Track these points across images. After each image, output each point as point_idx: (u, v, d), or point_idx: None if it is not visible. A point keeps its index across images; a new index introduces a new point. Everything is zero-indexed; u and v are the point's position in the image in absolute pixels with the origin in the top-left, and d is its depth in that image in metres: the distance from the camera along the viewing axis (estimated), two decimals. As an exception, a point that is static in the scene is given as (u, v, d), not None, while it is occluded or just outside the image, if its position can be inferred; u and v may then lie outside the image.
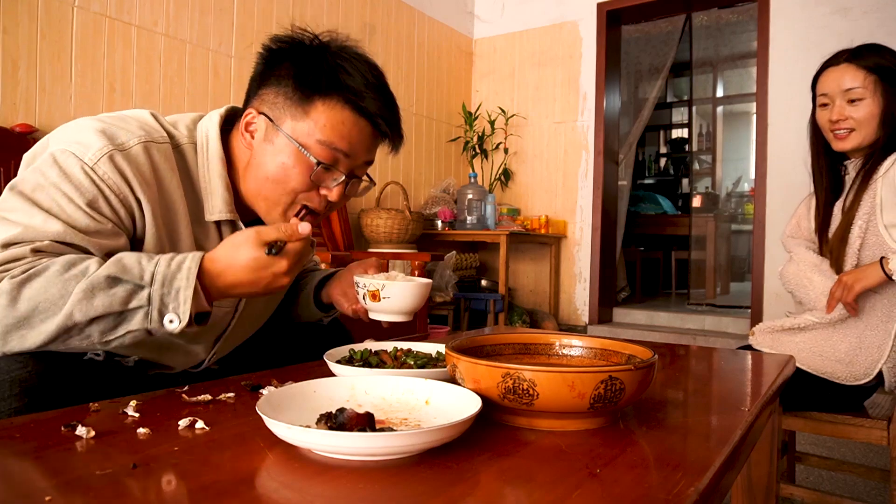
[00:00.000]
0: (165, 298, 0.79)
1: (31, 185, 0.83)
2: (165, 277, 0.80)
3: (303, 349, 1.18)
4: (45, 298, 0.76)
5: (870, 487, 2.02)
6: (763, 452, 1.24)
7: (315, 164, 0.93)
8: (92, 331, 0.79)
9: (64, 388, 0.83)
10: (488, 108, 4.64)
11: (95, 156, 0.85)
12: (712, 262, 5.05)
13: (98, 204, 0.85)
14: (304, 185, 0.95)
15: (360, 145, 0.97)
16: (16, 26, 2.23)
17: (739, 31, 5.88)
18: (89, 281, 0.77)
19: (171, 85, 2.76)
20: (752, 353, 1.37)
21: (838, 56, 1.56)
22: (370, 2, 3.87)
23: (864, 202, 1.49)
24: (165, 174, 0.93)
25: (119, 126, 0.90)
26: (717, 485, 0.58)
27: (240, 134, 0.98)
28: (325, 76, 0.93)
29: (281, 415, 0.62)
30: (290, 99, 0.94)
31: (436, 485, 0.54)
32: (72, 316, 0.76)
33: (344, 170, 0.97)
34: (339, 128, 0.94)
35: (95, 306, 0.77)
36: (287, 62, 0.96)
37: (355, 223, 3.72)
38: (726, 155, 7.00)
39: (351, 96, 0.93)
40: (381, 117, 0.97)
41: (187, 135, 0.98)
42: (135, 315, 0.79)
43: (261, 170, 0.96)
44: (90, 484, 0.52)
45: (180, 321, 0.80)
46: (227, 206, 0.98)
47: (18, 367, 0.79)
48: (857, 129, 1.52)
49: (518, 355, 0.90)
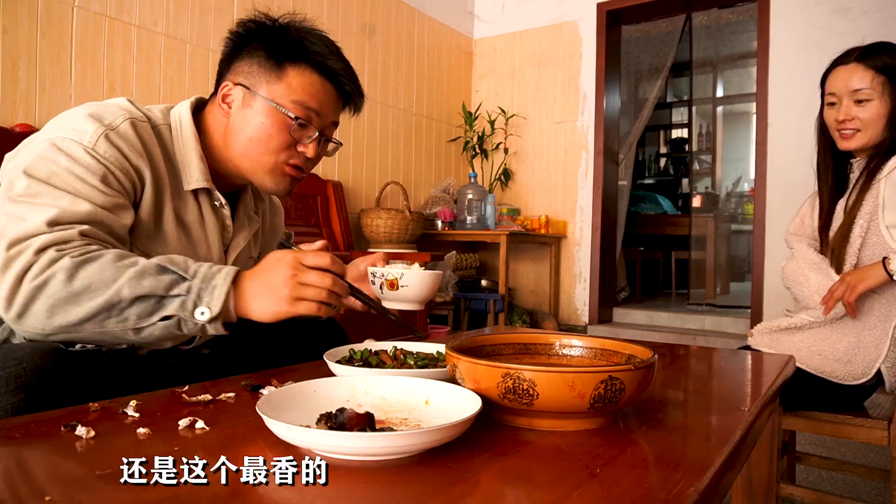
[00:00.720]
0: (203, 292, 0.87)
1: (45, 173, 0.89)
2: (207, 275, 0.88)
3: (303, 349, 1.18)
4: (100, 279, 0.83)
5: (870, 487, 2.02)
6: (763, 452, 1.24)
7: (293, 120, 1.03)
8: (131, 312, 0.85)
9: (63, 384, 0.83)
10: (488, 108, 4.64)
11: (93, 138, 0.92)
12: (712, 262, 5.05)
13: (109, 180, 0.92)
14: (284, 142, 1.04)
15: (328, 105, 1.08)
16: (16, 26, 2.23)
17: (739, 31, 5.88)
18: (141, 266, 0.86)
19: (171, 85, 2.76)
20: (752, 353, 1.37)
21: (847, 55, 1.55)
22: (370, 2, 3.87)
23: (866, 202, 1.49)
24: (151, 148, 1.01)
25: (103, 109, 0.98)
26: (717, 485, 0.58)
27: (216, 107, 1.07)
28: (293, 45, 1.04)
29: (281, 415, 0.62)
30: (264, 67, 1.04)
31: (436, 485, 0.54)
32: (119, 291, 0.83)
33: (317, 127, 1.07)
34: (309, 89, 1.04)
35: (143, 285, 0.84)
36: (255, 40, 1.06)
37: (355, 223, 3.72)
38: (726, 155, 7.00)
39: (317, 59, 1.04)
40: (344, 76, 1.08)
41: (161, 118, 1.07)
42: (173, 302, 0.86)
43: (242, 133, 1.05)
44: (90, 484, 0.52)
45: (211, 312, 0.86)
46: (202, 175, 1.06)
47: (14, 363, 0.79)
48: (863, 129, 1.51)
49: (518, 355, 0.90)
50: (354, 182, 3.80)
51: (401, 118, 4.12)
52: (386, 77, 3.99)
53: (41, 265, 0.83)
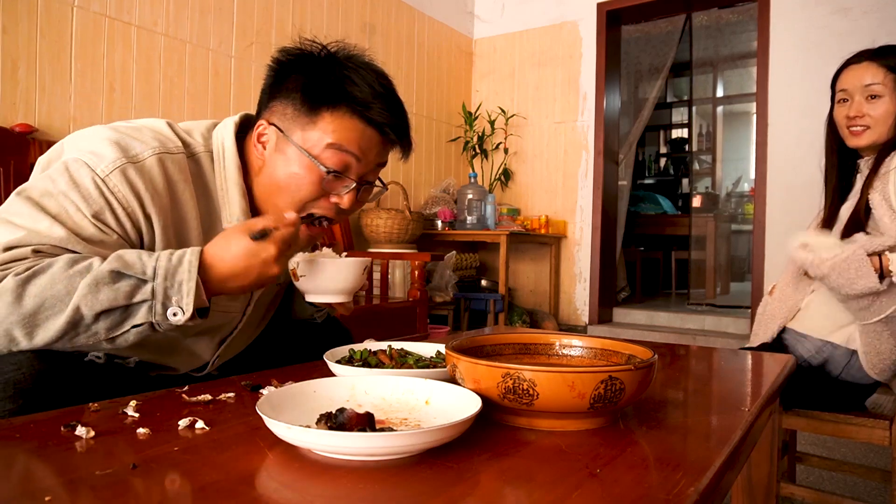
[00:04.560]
0: (169, 291, 0.81)
1: (39, 192, 0.85)
2: (167, 271, 0.81)
3: (303, 349, 1.18)
4: (52, 294, 0.77)
5: (870, 488, 2.02)
6: (763, 452, 1.24)
7: (325, 173, 0.95)
8: (98, 327, 0.80)
9: (60, 390, 0.82)
10: (488, 108, 4.64)
11: (108, 168, 0.86)
12: (712, 262, 5.05)
13: (104, 216, 0.86)
14: (314, 194, 0.97)
15: (371, 151, 0.98)
16: (15, 26, 2.23)
17: (739, 31, 5.88)
18: (93, 276, 0.78)
19: (171, 85, 2.76)
20: (752, 353, 1.37)
21: (861, 54, 1.57)
22: (370, 2, 3.87)
23: (871, 197, 1.48)
24: (178, 185, 0.94)
25: (133, 137, 0.92)
26: (717, 485, 0.58)
27: (253, 144, 1.00)
28: (332, 87, 0.94)
29: (281, 415, 0.62)
30: (299, 110, 0.95)
31: (436, 485, 0.54)
32: (78, 310, 0.77)
33: (355, 176, 0.98)
34: (348, 134, 0.95)
35: (101, 300, 0.78)
36: (295, 74, 0.97)
37: (355, 223, 3.72)
38: (726, 155, 7.00)
39: (357, 106, 0.94)
40: (389, 126, 0.98)
41: (202, 143, 1.00)
42: (139, 309, 0.81)
43: (272, 179, 0.97)
44: (90, 484, 0.52)
45: (184, 313, 0.81)
46: (244, 213, 0.99)
47: (12, 368, 0.79)
48: (873, 126, 1.53)
49: (518, 355, 0.90)
50: (354, 182, 3.80)
51: (401, 118, 4.11)
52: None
53: None
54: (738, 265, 6.26)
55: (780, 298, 1.64)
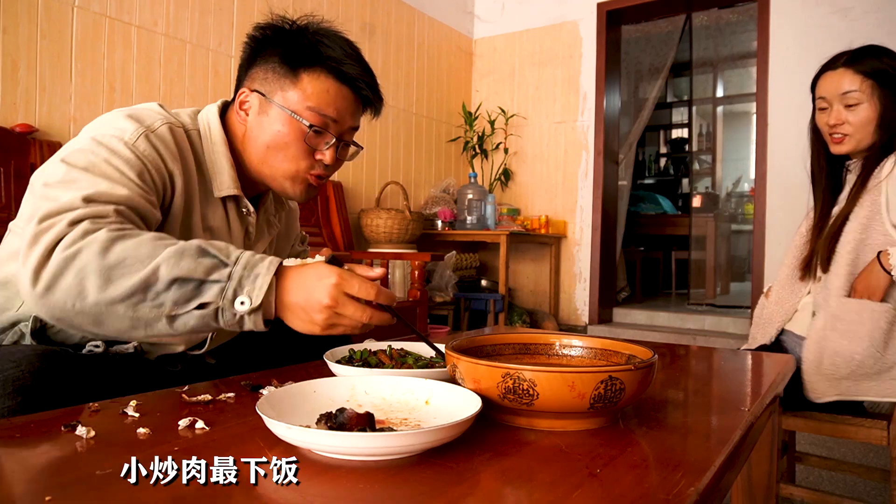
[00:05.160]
0: (244, 280, 0.81)
1: (84, 162, 0.88)
2: (249, 262, 0.82)
3: (303, 349, 1.18)
4: (135, 255, 0.79)
5: (870, 487, 2.02)
6: (763, 452, 1.24)
7: (307, 128, 1.01)
8: (167, 297, 0.79)
9: (60, 388, 0.83)
10: (488, 108, 4.64)
11: (133, 136, 0.93)
12: (712, 262, 5.05)
13: (145, 177, 0.93)
14: (302, 150, 1.03)
15: (346, 110, 1.05)
16: (16, 26, 2.23)
17: (739, 31, 5.88)
18: (180, 246, 0.81)
19: (171, 85, 2.76)
20: (752, 354, 1.37)
21: (836, 59, 1.55)
22: (370, 2, 3.87)
23: (862, 204, 1.48)
24: (186, 153, 1.02)
25: (141, 112, 0.99)
26: (717, 485, 0.58)
27: (235, 113, 1.07)
28: (308, 50, 1.02)
29: (281, 415, 0.62)
30: (278, 73, 1.02)
31: (436, 485, 0.54)
32: (156, 272, 0.78)
33: (334, 133, 1.05)
34: (325, 96, 1.02)
35: (182, 266, 0.79)
36: (271, 45, 1.04)
37: (355, 223, 3.72)
38: (726, 155, 7.00)
39: (332, 64, 1.02)
40: (362, 81, 1.05)
41: (191, 123, 1.07)
42: (211, 288, 0.80)
43: (259, 140, 1.04)
44: (90, 484, 0.52)
45: (251, 303, 0.80)
46: (232, 182, 1.06)
47: (11, 366, 0.79)
48: (853, 133, 1.52)
49: (518, 355, 0.90)
50: (354, 182, 3.80)
51: (401, 118, 4.11)
52: (386, 77, 3.98)
53: (74, 236, 0.78)
54: (738, 265, 6.26)
55: (776, 301, 1.64)
